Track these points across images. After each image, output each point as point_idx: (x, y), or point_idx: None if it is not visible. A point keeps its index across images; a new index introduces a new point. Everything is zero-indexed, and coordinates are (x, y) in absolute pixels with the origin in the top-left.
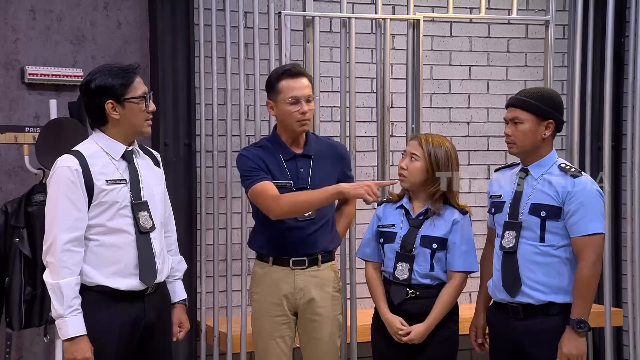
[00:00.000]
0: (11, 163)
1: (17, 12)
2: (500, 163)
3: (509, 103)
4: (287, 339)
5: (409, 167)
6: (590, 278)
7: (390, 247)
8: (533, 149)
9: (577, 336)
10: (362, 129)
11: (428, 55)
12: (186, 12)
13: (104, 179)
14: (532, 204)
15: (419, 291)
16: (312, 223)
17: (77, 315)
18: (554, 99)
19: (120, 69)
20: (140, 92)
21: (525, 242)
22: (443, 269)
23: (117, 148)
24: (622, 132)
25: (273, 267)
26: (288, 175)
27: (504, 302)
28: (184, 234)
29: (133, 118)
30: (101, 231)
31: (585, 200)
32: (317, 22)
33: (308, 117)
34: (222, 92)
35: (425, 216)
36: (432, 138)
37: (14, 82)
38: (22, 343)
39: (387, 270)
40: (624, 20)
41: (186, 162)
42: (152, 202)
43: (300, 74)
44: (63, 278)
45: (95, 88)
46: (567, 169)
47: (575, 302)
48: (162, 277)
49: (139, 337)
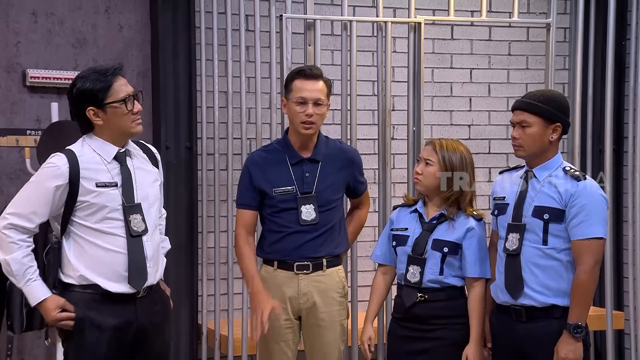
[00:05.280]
0: (12, 166)
1: (18, 15)
2: (502, 166)
3: (516, 106)
4: (291, 343)
5: (424, 172)
6: (588, 283)
7: (402, 249)
8: (540, 152)
9: (574, 341)
10: (363, 131)
11: (429, 58)
12: (187, 15)
13: (93, 182)
14: (536, 206)
15: (428, 294)
16: (314, 228)
17: (34, 282)
18: (561, 102)
19: (99, 72)
20: (122, 94)
21: (528, 244)
22: (453, 274)
23: (108, 150)
24: (623, 135)
25: (277, 271)
26: (292, 180)
27: (506, 305)
28: (185, 237)
29: (118, 122)
30: (91, 233)
31: (588, 203)
32: (318, 25)
33: (313, 120)
34: (224, 95)
35: (438, 220)
36: (447, 143)
37: (16, 85)
38: (24, 346)
39: (399, 273)
40: (625, 23)
41: (187, 165)
42: (145, 204)
43: (314, 76)
44: (10, 253)
45: (76, 94)
46: (572, 172)
47: (572, 306)
48: (154, 279)
49: (132, 340)
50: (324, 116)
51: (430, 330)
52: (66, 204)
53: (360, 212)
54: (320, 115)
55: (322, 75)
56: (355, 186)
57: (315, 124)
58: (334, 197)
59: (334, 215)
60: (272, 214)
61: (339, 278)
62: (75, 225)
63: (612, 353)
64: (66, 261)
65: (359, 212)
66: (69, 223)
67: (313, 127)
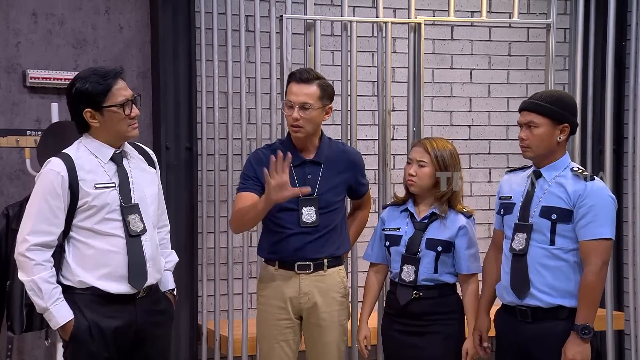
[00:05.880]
0: (13, 166)
1: (18, 16)
2: (502, 166)
3: (523, 107)
4: (292, 343)
5: (418, 174)
6: (595, 284)
7: (396, 249)
8: (547, 152)
9: (582, 342)
10: (363, 132)
11: (429, 58)
12: (187, 16)
13: (92, 184)
14: (543, 206)
15: (423, 292)
16: (316, 229)
17: (60, 303)
18: (568, 103)
19: (99, 74)
20: (121, 98)
21: (535, 244)
22: (446, 272)
23: (105, 151)
24: (623, 136)
25: (279, 270)
26: (295, 181)
27: (512, 305)
28: (185, 238)
29: (114, 125)
30: (90, 234)
31: (597, 204)
32: (319, 25)
33: (299, 124)
34: (224, 95)
35: (430, 219)
36: (436, 142)
37: (16, 86)
38: (24, 347)
39: (393, 272)
40: (625, 24)
41: (187, 166)
42: (143, 204)
43: (303, 80)
44: (37, 274)
45: (74, 94)
46: (580, 172)
47: (580, 307)
48: (154, 280)
49: (131, 341)
50: (313, 120)
51: (425, 326)
52: (68, 209)
53: (361, 213)
54: (308, 119)
55: (315, 79)
56: (357, 188)
57: (303, 128)
58: (336, 200)
59: (335, 217)
60: (273, 214)
61: (340, 278)
62: (75, 229)
63: (612, 354)
64: (66, 265)
65: (361, 213)
66: (70, 228)
67: (301, 130)
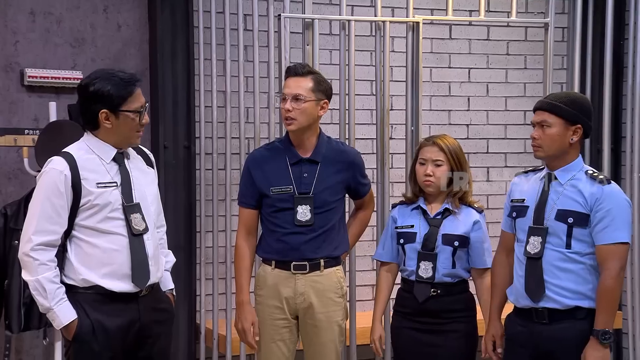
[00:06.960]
0: (10, 165)
1: (16, 15)
2: (500, 165)
3: (538, 106)
4: (289, 343)
5: (435, 173)
6: (614, 288)
7: (411, 247)
8: (559, 153)
9: (602, 347)
10: (362, 131)
11: (427, 57)
12: (186, 15)
13: (94, 182)
14: (559, 210)
15: (441, 289)
16: (311, 229)
17: (64, 303)
18: (583, 104)
19: (122, 79)
20: (137, 105)
21: (550, 247)
22: (463, 267)
23: (108, 151)
24: (621, 135)
25: (275, 270)
26: (291, 179)
27: (527, 308)
28: (184, 237)
29: (125, 129)
30: (93, 233)
31: (614, 208)
32: (317, 24)
33: (292, 115)
34: (222, 94)
35: (443, 215)
36: (447, 140)
37: (14, 85)
38: (22, 346)
39: (409, 270)
40: (623, 23)
41: (186, 165)
42: (144, 204)
43: (297, 73)
44: (41, 274)
45: (93, 93)
46: (596, 176)
47: (599, 312)
48: (156, 278)
49: (134, 339)
50: (306, 112)
51: (443, 324)
52: (71, 208)
53: (363, 213)
54: (300, 110)
55: (309, 72)
56: (357, 188)
57: (295, 120)
58: (332, 199)
59: (332, 217)
60: (270, 214)
61: (337, 278)
62: (78, 228)
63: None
64: (68, 264)
65: (363, 214)
66: (73, 227)
67: (294, 122)
